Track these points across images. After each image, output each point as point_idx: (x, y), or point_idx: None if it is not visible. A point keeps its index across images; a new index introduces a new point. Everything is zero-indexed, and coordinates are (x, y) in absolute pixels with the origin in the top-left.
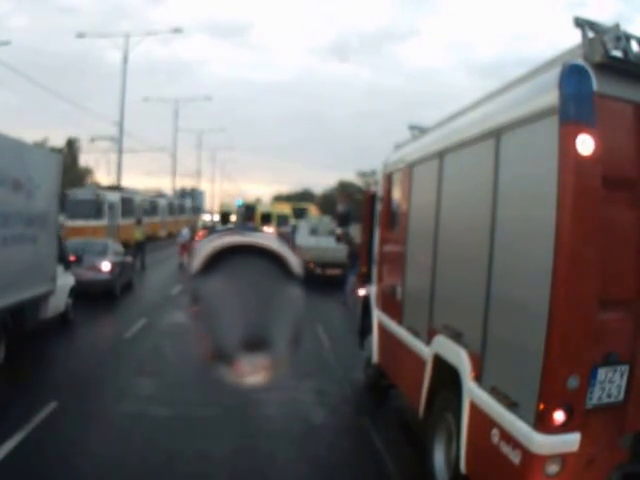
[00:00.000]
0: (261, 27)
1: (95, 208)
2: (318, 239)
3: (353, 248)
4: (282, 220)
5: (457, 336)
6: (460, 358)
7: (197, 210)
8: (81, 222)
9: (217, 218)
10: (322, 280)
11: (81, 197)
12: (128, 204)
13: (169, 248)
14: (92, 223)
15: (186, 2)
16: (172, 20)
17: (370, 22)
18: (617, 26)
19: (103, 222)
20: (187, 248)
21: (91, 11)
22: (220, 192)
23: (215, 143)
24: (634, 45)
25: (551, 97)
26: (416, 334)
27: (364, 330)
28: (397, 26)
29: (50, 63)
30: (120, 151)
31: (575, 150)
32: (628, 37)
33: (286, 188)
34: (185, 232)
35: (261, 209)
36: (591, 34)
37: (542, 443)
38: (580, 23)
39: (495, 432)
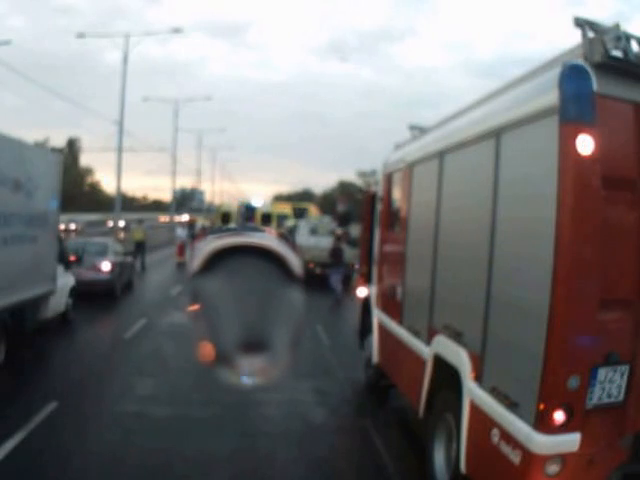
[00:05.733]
0: (259, 27)
1: (200, 209)
2: (318, 239)
3: (338, 245)
4: (282, 220)
5: (457, 336)
6: (460, 358)
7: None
8: (194, 215)
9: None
10: (322, 280)
11: (195, 206)
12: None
13: (168, 248)
14: (198, 215)
15: (183, 2)
16: (170, 20)
17: (368, 21)
18: (617, 26)
19: (202, 214)
20: (183, 248)
21: (88, 11)
22: (220, 192)
23: (215, 143)
24: (634, 45)
25: (551, 97)
26: (416, 334)
27: (364, 330)
28: (395, 25)
29: (49, 63)
30: (120, 151)
31: (575, 150)
32: (628, 37)
33: (286, 188)
34: (180, 232)
35: (261, 209)
36: (591, 34)
37: (542, 443)
38: (580, 23)
39: (495, 432)
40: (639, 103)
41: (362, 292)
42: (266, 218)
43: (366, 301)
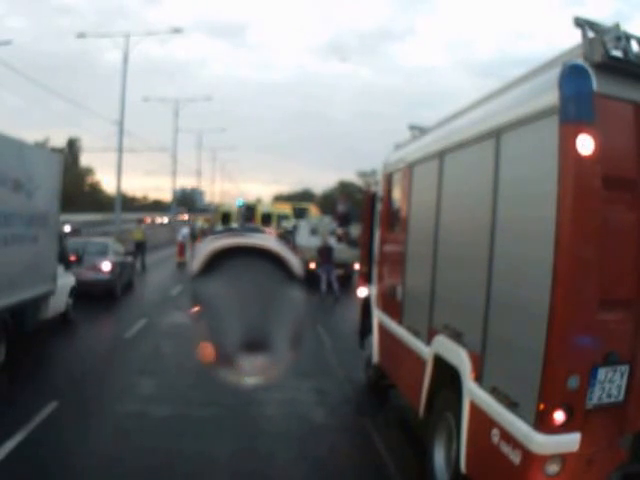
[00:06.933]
0: (258, 27)
1: (205, 210)
2: (318, 239)
3: (327, 244)
4: (282, 220)
5: (457, 336)
6: (460, 358)
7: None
8: (203, 215)
9: None
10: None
11: (201, 207)
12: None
13: (169, 248)
14: (205, 216)
15: (183, 2)
16: (169, 20)
17: (368, 21)
18: (617, 26)
19: (208, 215)
20: (184, 248)
21: (88, 11)
22: (220, 192)
23: (215, 143)
24: (634, 45)
25: (551, 97)
26: (416, 334)
27: (364, 330)
28: (395, 25)
29: (49, 63)
30: (120, 151)
31: (575, 150)
32: (628, 37)
33: (286, 188)
34: (184, 232)
35: (261, 209)
36: (591, 34)
37: (542, 443)
38: (580, 23)
39: (495, 432)
40: (639, 103)
41: (362, 292)
42: (266, 218)
43: (366, 301)
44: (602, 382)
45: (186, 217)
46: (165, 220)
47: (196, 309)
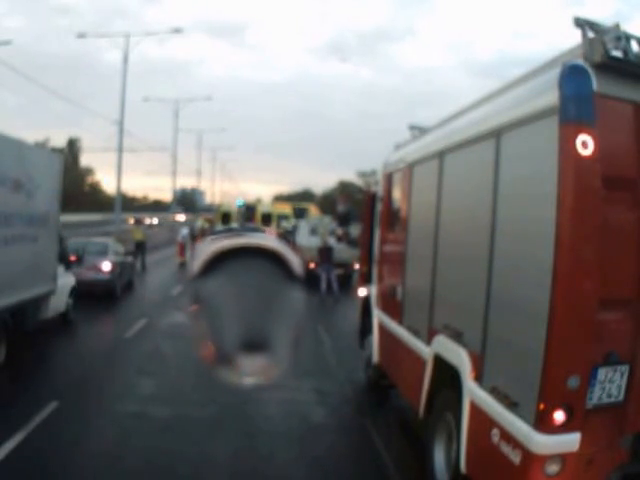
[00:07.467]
0: (258, 27)
1: (208, 209)
2: (318, 239)
3: (327, 245)
4: (282, 220)
5: (457, 336)
6: (460, 358)
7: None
8: (205, 215)
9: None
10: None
11: (203, 207)
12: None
13: (169, 248)
14: (208, 215)
15: (183, 2)
16: (168, 20)
17: (368, 21)
18: (617, 26)
19: (210, 215)
20: (184, 248)
21: (88, 11)
22: (221, 192)
23: (215, 143)
24: (634, 45)
25: (551, 97)
26: (416, 334)
27: (364, 330)
28: (395, 25)
29: (49, 63)
30: (120, 151)
31: (575, 150)
32: (628, 37)
33: (286, 188)
34: (184, 232)
35: (261, 209)
36: (591, 34)
37: (542, 443)
38: (580, 23)
39: (495, 432)
40: (639, 103)
41: (362, 292)
42: (266, 218)
43: (366, 301)
44: (602, 382)
45: (177, 217)
46: (155, 221)
47: (196, 309)
